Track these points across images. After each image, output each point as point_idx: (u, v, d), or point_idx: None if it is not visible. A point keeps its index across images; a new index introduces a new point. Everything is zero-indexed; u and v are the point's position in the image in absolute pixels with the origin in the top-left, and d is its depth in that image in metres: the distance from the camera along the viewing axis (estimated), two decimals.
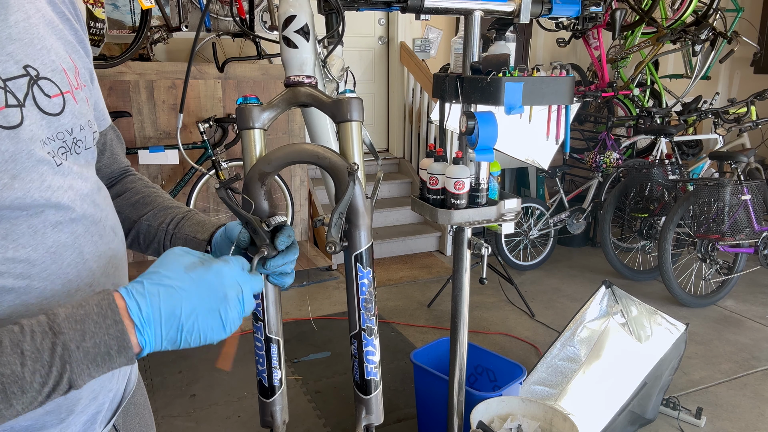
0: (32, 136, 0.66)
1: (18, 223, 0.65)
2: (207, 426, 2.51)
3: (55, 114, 0.70)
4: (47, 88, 0.69)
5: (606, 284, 2.55)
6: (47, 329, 0.59)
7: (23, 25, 0.69)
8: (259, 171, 0.81)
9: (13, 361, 0.56)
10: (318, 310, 3.64)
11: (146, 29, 3.51)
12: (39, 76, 0.69)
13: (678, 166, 4.16)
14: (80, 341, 0.60)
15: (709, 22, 4.51)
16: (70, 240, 0.71)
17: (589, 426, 2.20)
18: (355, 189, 0.80)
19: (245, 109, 0.82)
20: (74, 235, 0.71)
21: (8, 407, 0.57)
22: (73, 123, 0.73)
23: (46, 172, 0.67)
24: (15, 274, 0.65)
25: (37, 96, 0.68)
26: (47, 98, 0.69)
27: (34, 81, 0.68)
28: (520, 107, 1.45)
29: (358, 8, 1.49)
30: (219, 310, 0.67)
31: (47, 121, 0.69)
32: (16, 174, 0.64)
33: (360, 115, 0.83)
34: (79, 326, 0.60)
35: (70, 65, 0.76)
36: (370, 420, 0.88)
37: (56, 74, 0.71)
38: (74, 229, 0.71)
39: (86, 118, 0.77)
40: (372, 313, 0.85)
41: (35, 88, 0.68)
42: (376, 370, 0.87)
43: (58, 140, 0.70)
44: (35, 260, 0.67)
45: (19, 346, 0.57)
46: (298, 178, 4.41)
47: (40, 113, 0.68)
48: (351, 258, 0.84)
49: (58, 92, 0.71)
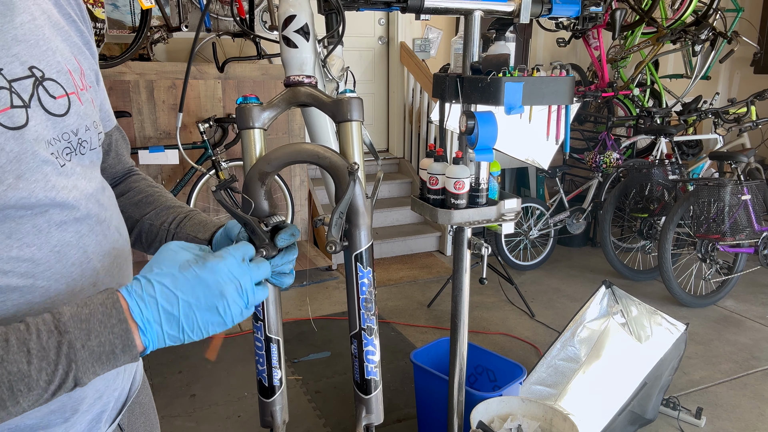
0: (37, 137, 0.66)
1: (22, 222, 0.65)
2: (207, 426, 2.51)
3: (60, 115, 0.70)
4: (52, 89, 0.70)
5: (606, 284, 2.55)
6: (53, 328, 0.60)
7: (29, 27, 0.69)
8: (259, 171, 0.81)
9: (20, 359, 0.57)
10: (318, 310, 3.64)
11: (146, 29, 3.51)
12: (44, 77, 0.69)
13: (678, 166, 4.16)
14: (85, 340, 0.61)
15: (709, 22, 4.51)
16: (75, 239, 0.71)
17: (589, 426, 2.20)
18: (355, 189, 0.80)
19: (245, 108, 0.82)
20: (78, 235, 0.72)
21: (15, 404, 0.58)
22: (79, 124, 0.73)
23: (50, 172, 0.67)
24: (19, 272, 0.65)
25: (42, 97, 0.68)
26: (52, 99, 0.69)
27: (39, 82, 0.68)
28: (520, 107, 1.45)
29: (358, 8, 1.49)
30: (217, 307, 0.67)
31: (52, 122, 0.69)
32: (21, 174, 0.64)
33: (360, 115, 0.83)
34: (84, 325, 0.61)
35: (76, 67, 0.76)
36: (371, 419, 0.88)
37: (62, 75, 0.72)
38: (78, 229, 0.72)
39: (91, 119, 0.77)
40: (372, 313, 0.85)
41: (40, 89, 0.68)
42: (377, 369, 0.87)
43: (64, 141, 0.70)
44: (39, 259, 0.67)
45: (26, 344, 0.58)
46: (298, 178, 4.41)
47: (45, 114, 0.68)
48: (351, 258, 0.84)
49: (63, 93, 0.71)
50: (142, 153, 3.61)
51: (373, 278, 0.85)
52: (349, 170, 0.79)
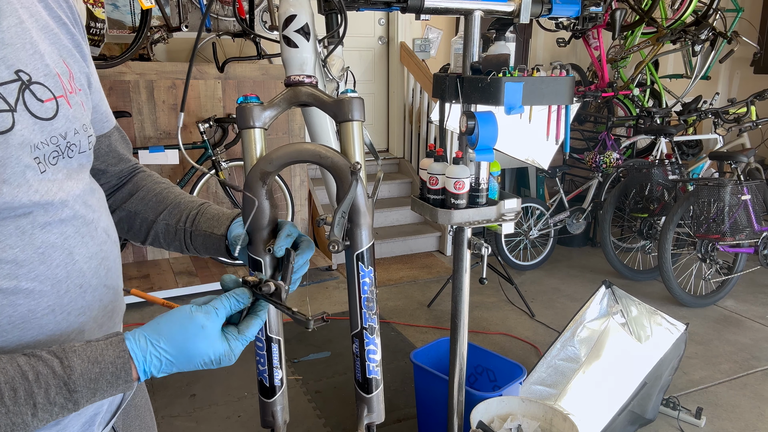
0: (23, 141, 0.66)
1: (5, 224, 0.65)
2: (207, 426, 2.51)
3: (48, 119, 0.70)
4: (39, 92, 0.69)
5: (606, 284, 2.55)
6: (62, 385, 0.63)
7: (15, 30, 0.68)
8: (261, 170, 0.81)
9: (25, 411, 0.61)
10: (318, 310, 3.62)
11: (146, 29, 3.51)
12: (31, 80, 0.69)
13: (678, 166, 4.16)
14: (91, 397, 0.65)
15: (709, 22, 4.51)
16: (59, 240, 0.71)
17: (589, 426, 2.20)
18: (357, 188, 0.80)
19: (246, 108, 0.82)
20: (63, 236, 0.72)
21: None
22: (67, 127, 0.73)
23: (32, 178, 0.67)
24: (2, 274, 0.65)
25: (28, 101, 0.68)
26: (39, 103, 0.69)
27: (25, 86, 0.68)
28: (520, 107, 1.45)
29: (358, 8, 1.49)
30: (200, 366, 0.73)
31: (40, 125, 0.69)
32: (6, 179, 0.64)
33: (361, 115, 0.83)
34: (93, 385, 0.65)
35: (64, 70, 0.75)
36: (372, 419, 0.88)
37: (49, 79, 0.71)
38: (63, 230, 0.72)
39: (81, 122, 0.76)
40: (373, 312, 0.85)
41: (27, 92, 0.68)
42: (378, 368, 0.87)
43: (52, 144, 0.70)
44: (23, 261, 0.67)
45: (33, 398, 0.61)
46: (298, 178, 4.41)
47: (32, 118, 0.68)
48: (353, 257, 0.84)
49: (51, 97, 0.71)
50: (142, 153, 3.61)
51: (374, 277, 0.85)
52: (351, 170, 0.79)
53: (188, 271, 3.94)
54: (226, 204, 4.13)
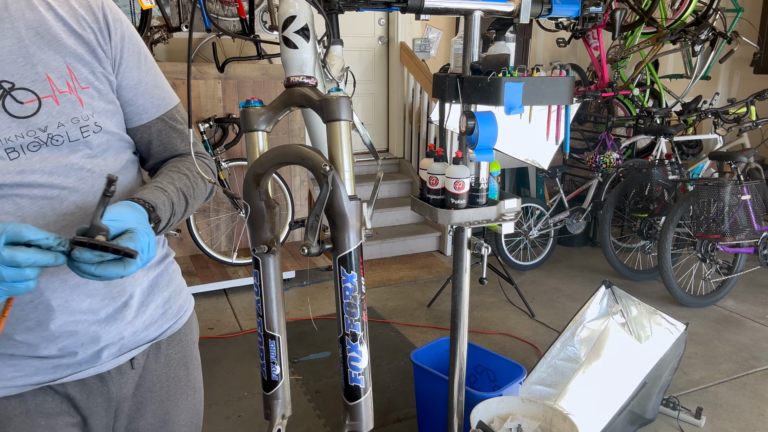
0: None
1: None
2: (207, 426, 2.51)
3: (26, 116, 0.83)
4: (21, 96, 0.83)
5: (606, 284, 2.56)
6: None
7: (9, 49, 0.82)
8: (253, 173, 0.83)
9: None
10: (318, 310, 3.64)
11: (146, 29, 3.52)
12: (14, 87, 0.82)
13: (678, 166, 4.16)
14: None
15: (709, 22, 4.51)
16: (13, 209, 0.82)
17: (589, 426, 2.21)
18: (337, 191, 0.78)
19: (248, 112, 0.83)
20: (17, 206, 0.82)
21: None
22: (48, 121, 0.84)
23: None
24: None
25: (7, 104, 0.82)
26: (19, 104, 0.83)
27: (6, 92, 0.82)
28: (520, 107, 1.45)
29: (358, 8, 1.49)
30: None
31: (17, 122, 0.82)
32: None
33: (348, 114, 0.82)
34: None
35: (63, 73, 0.86)
36: (354, 426, 0.86)
37: (36, 83, 0.83)
38: (18, 201, 0.82)
39: (71, 116, 0.86)
40: (356, 318, 0.83)
41: (8, 98, 0.82)
42: (362, 377, 0.85)
43: (29, 136, 0.83)
44: None
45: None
46: (298, 178, 4.42)
47: (9, 117, 0.82)
48: (336, 261, 0.83)
49: (34, 98, 0.83)
50: None
51: (360, 282, 0.83)
52: (322, 173, 0.78)
53: (188, 271, 3.94)
54: (226, 204, 4.13)
